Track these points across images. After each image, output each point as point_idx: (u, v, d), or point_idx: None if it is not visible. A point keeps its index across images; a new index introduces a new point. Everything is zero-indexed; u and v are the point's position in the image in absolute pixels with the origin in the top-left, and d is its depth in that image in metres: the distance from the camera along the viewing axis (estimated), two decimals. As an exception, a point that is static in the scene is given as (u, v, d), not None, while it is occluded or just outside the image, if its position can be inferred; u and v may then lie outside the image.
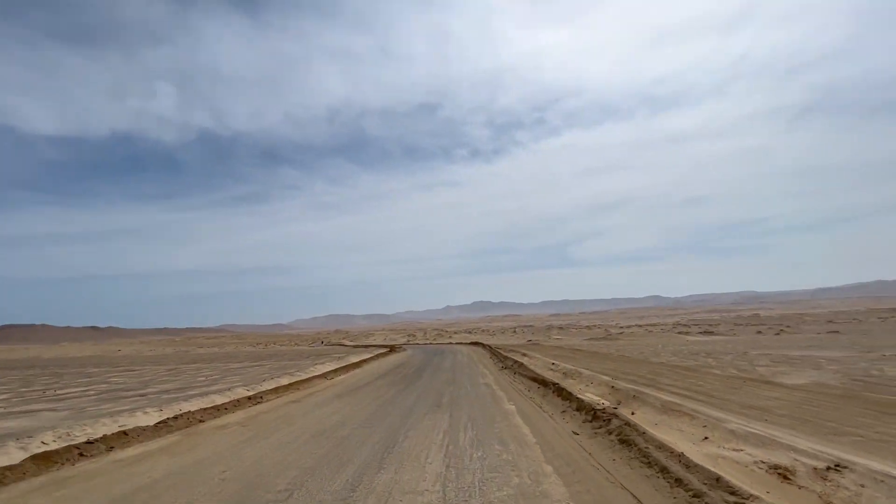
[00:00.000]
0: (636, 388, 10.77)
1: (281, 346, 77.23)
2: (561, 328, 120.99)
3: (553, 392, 11.86)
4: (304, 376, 17.85)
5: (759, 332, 50.28)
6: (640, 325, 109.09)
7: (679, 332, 54.59)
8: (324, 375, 19.32)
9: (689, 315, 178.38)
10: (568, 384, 12.40)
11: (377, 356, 33.08)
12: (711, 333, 50.66)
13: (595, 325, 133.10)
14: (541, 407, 10.55)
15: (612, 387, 11.17)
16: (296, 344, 75.13)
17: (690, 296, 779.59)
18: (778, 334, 47.31)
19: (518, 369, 17.92)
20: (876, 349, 22.09)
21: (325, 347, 63.37)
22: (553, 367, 16.50)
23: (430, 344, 67.61)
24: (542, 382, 13.52)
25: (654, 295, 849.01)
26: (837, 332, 53.03)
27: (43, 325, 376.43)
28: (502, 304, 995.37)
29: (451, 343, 68.37)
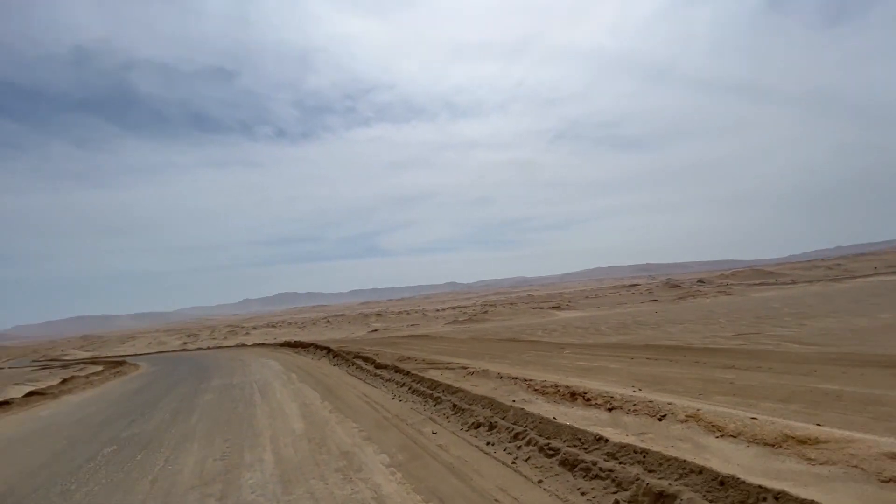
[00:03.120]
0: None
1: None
2: (379, 315, 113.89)
3: None
4: None
5: (600, 308, 49.86)
6: (440, 309, 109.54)
7: (535, 308, 50.53)
8: None
9: (482, 297, 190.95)
10: None
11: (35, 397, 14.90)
12: (560, 308, 48.00)
13: (411, 311, 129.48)
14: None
15: None
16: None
17: (479, 281, 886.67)
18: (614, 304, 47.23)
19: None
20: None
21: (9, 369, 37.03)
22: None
23: (211, 350, 45.19)
24: None
25: (451, 281, 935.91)
26: (624, 303, 57.73)
27: None
28: (309, 295, 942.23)
29: (243, 346, 46.36)
